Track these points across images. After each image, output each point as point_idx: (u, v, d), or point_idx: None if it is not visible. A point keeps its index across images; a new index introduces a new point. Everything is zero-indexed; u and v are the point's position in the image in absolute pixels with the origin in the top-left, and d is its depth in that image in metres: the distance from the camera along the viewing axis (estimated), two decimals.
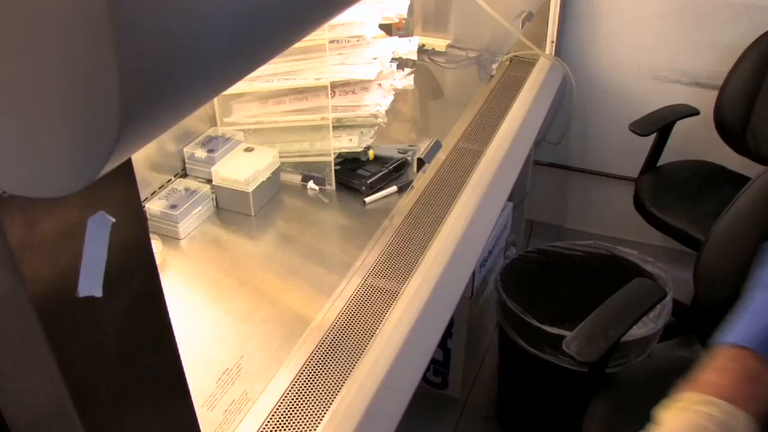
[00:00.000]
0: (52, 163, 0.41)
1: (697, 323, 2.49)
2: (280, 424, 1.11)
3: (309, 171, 1.74)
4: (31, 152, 0.41)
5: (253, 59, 0.52)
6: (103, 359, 0.60)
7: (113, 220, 0.55)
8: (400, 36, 2.17)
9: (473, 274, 1.99)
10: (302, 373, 1.20)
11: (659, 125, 2.35)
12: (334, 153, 1.71)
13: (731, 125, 2.33)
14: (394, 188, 1.70)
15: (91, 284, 0.55)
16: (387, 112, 1.78)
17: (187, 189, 1.61)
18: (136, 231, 0.59)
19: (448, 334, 2.19)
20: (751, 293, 1.01)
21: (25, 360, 0.57)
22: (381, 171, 1.71)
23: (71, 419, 0.59)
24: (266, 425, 1.11)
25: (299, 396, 1.16)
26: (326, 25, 1.62)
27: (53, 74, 0.37)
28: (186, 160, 1.71)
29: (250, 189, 1.60)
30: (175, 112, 0.44)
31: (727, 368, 0.93)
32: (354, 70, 1.73)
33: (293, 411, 1.13)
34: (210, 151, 1.68)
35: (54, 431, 0.64)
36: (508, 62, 2.37)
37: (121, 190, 0.56)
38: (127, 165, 0.56)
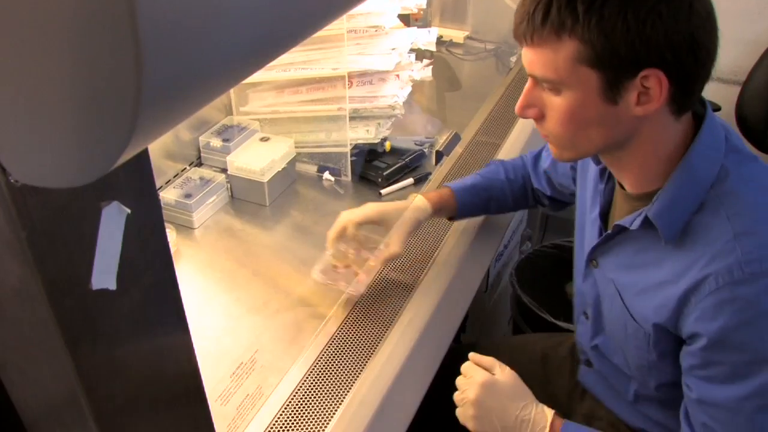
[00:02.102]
0: (66, 153, 0.40)
1: None
2: (292, 417, 1.10)
3: (325, 162, 1.73)
4: (45, 142, 0.40)
5: (272, 49, 0.50)
6: (117, 353, 0.59)
7: (128, 210, 0.54)
8: (418, 27, 2.14)
9: (488, 268, 1.97)
10: (315, 366, 1.19)
11: None
12: (351, 144, 1.69)
13: (753, 122, 2.29)
14: (410, 180, 1.69)
15: (104, 276, 0.54)
16: (404, 103, 1.76)
17: (202, 178, 1.60)
18: (151, 222, 0.58)
19: (462, 328, 2.18)
20: None
21: (37, 353, 0.56)
22: (397, 163, 1.70)
23: (83, 412, 0.58)
24: (278, 418, 1.10)
25: (312, 390, 1.15)
26: (344, 15, 1.60)
27: (69, 65, 0.36)
28: (201, 149, 1.70)
29: (266, 179, 1.58)
30: (192, 103, 0.43)
31: None
32: (372, 61, 1.71)
33: (306, 405, 1.12)
34: (225, 140, 1.67)
35: (65, 424, 0.64)
36: None
37: (136, 180, 0.55)
38: (143, 155, 0.54)
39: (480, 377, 1.15)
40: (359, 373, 1.18)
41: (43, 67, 0.37)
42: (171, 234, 1.47)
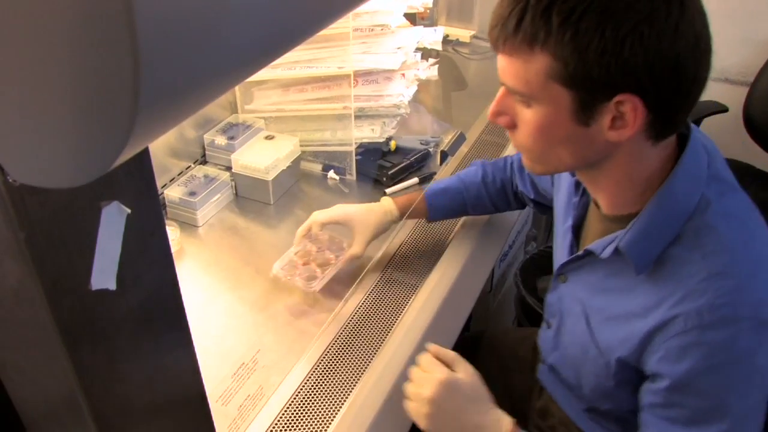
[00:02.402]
0: (64, 154, 0.39)
1: None
2: (294, 418, 1.10)
3: (330, 160, 1.72)
4: (43, 142, 0.39)
5: (273, 49, 0.50)
6: (116, 353, 0.58)
7: (128, 210, 0.53)
8: (424, 26, 2.14)
9: (493, 268, 1.97)
10: (317, 367, 1.19)
11: None
12: (356, 143, 1.69)
13: (761, 123, 2.28)
14: (415, 180, 1.68)
15: (104, 277, 0.53)
16: (410, 102, 1.75)
17: (206, 176, 1.60)
18: (151, 222, 0.58)
19: (466, 328, 2.17)
20: None
21: (36, 353, 0.56)
22: (402, 162, 1.69)
23: (82, 413, 0.58)
24: (280, 419, 1.10)
25: (314, 390, 1.15)
26: (350, 14, 1.60)
27: (66, 65, 0.36)
28: (206, 146, 1.70)
29: (270, 177, 1.58)
30: (191, 104, 0.43)
31: None
32: (377, 60, 1.71)
33: (307, 405, 1.12)
34: (230, 138, 1.66)
35: (64, 424, 0.63)
36: None
37: (136, 179, 0.54)
38: (144, 154, 0.54)
39: (440, 374, 1.08)
40: (361, 374, 1.18)
41: (41, 68, 0.37)
42: (175, 232, 1.47)
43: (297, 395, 1.14)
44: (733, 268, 0.87)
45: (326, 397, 1.14)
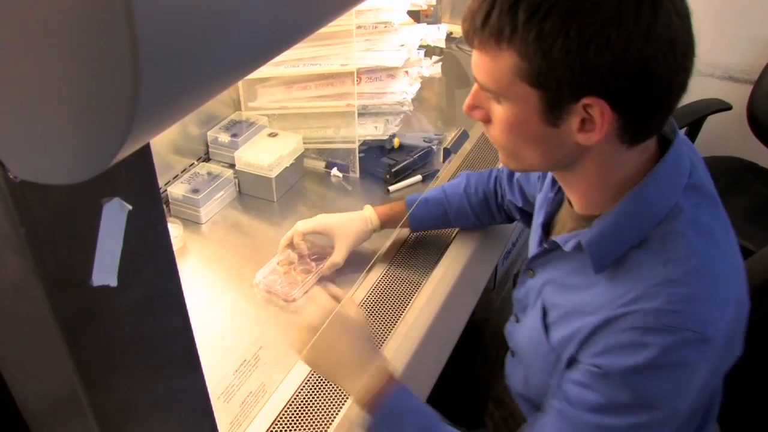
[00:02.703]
0: (65, 149, 0.39)
1: None
2: (296, 415, 1.10)
3: (333, 158, 1.72)
4: (44, 138, 0.39)
5: (275, 45, 0.50)
6: (117, 350, 0.58)
7: (129, 207, 0.54)
8: (428, 23, 2.13)
9: (496, 266, 1.97)
10: None
11: (690, 119, 2.30)
12: (359, 140, 1.69)
13: (765, 121, 2.27)
14: (418, 177, 1.68)
15: (105, 273, 0.53)
16: (413, 100, 1.75)
17: (209, 173, 1.60)
18: (153, 218, 0.58)
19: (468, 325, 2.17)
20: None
21: (37, 349, 0.56)
22: (406, 159, 1.69)
23: (83, 408, 0.58)
24: (282, 416, 1.10)
25: (316, 387, 1.15)
26: (353, 11, 1.60)
27: (66, 61, 0.36)
28: (209, 144, 1.70)
29: (273, 175, 1.58)
30: (191, 100, 0.43)
31: None
32: (381, 57, 1.71)
33: (309, 402, 1.12)
34: (234, 135, 1.66)
35: (65, 419, 0.63)
36: None
37: (138, 176, 0.54)
38: (145, 150, 0.54)
39: (326, 303, 1.07)
40: None
41: (41, 64, 0.37)
42: (178, 229, 1.47)
43: (299, 392, 1.14)
44: (691, 279, 0.85)
45: (329, 393, 1.14)
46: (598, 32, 0.75)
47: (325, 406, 1.12)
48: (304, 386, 1.15)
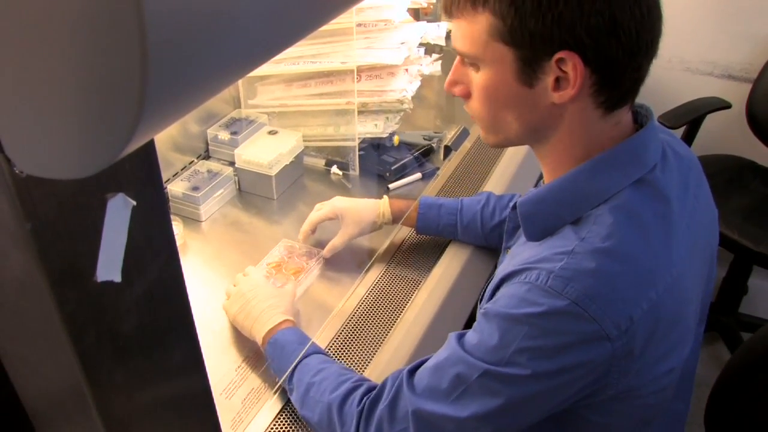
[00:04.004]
0: (71, 144, 0.39)
1: (720, 320, 2.46)
2: (297, 412, 1.10)
3: (333, 156, 1.72)
4: (50, 133, 0.39)
5: (281, 38, 0.50)
6: (121, 346, 0.58)
7: (134, 202, 0.54)
8: (428, 21, 2.13)
9: (496, 264, 1.97)
10: None
11: (689, 118, 2.31)
12: (359, 138, 1.69)
13: (764, 119, 2.28)
14: (418, 175, 1.68)
15: (110, 269, 0.53)
16: (413, 97, 1.75)
17: (209, 171, 1.60)
18: (157, 214, 0.58)
19: (468, 325, 2.17)
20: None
21: (41, 345, 0.56)
22: (406, 157, 1.69)
23: (87, 404, 0.58)
24: (283, 413, 1.10)
25: None
26: (353, 9, 1.59)
27: (74, 55, 0.36)
28: (209, 141, 1.70)
29: (273, 172, 1.58)
30: (198, 94, 0.43)
31: None
32: (381, 55, 1.71)
33: None
34: (233, 133, 1.66)
35: (69, 415, 0.63)
36: None
37: (142, 171, 0.54)
38: (150, 146, 0.54)
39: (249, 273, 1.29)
40: (364, 369, 1.18)
41: (48, 58, 0.37)
42: (178, 227, 1.47)
43: None
44: (597, 256, 0.84)
45: None
46: None
47: None
48: None
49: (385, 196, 1.45)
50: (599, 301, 0.82)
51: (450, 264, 1.42)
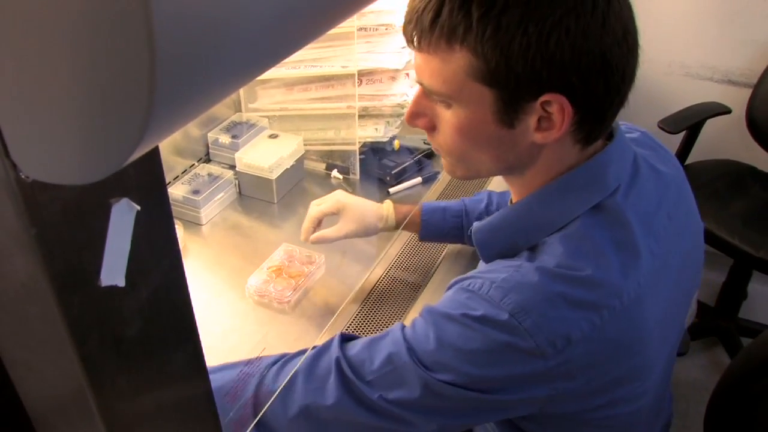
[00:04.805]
0: (77, 150, 0.40)
1: (720, 325, 2.46)
2: None
3: (333, 159, 1.73)
4: (56, 138, 0.39)
5: (289, 43, 0.50)
6: (124, 350, 0.58)
7: (138, 207, 0.54)
8: None
9: None
10: None
11: (689, 123, 2.31)
12: (360, 142, 1.69)
13: (764, 125, 2.28)
14: (419, 179, 1.68)
15: (114, 273, 0.53)
16: None
17: (210, 174, 1.60)
18: (160, 219, 0.58)
19: None
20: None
21: (44, 349, 0.56)
22: (406, 161, 1.69)
23: (89, 409, 0.58)
24: None
25: None
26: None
27: (81, 60, 0.36)
28: (210, 145, 1.70)
29: (274, 176, 1.58)
30: (206, 100, 0.43)
31: None
32: (382, 59, 1.71)
33: None
34: (234, 136, 1.66)
35: (72, 420, 0.63)
36: None
37: (146, 176, 0.55)
38: (154, 151, 0.54)
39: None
40: None
41: (54, 63, 0.37)
42: (179, 230, 1.47)
43: None
44: (539, 274, 0.82)
45: None
46: (557, 24, 0.73)
47: None
48: None
49: (388, 200, 1.41)
50: (535, 315, 0.80)
51: (451, 267, 1.43)
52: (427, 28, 0.78)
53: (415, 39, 0.81)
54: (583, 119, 0.81)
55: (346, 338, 0.96)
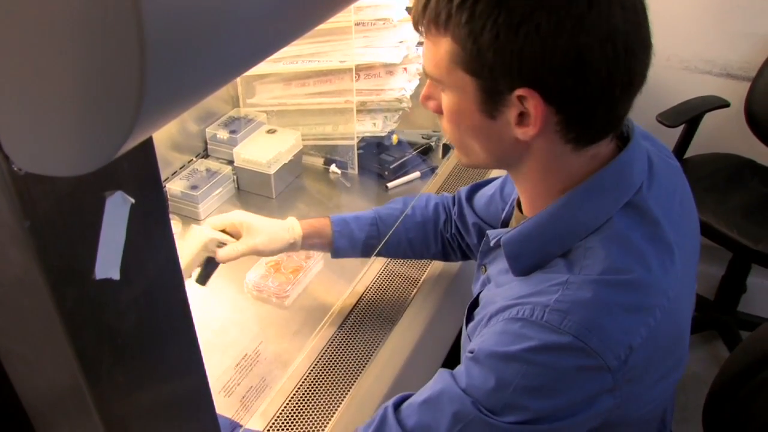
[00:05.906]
0: (69, 142, 0.39)
1: (719, 319, 2.46)
2: (296, 410, 1.10)
3: (331, 154, 1.72)
4: (48, 130, 0.39)
5: (279, 36, 0.50)
6: (120, 344, 0.58)
7: (132, 200, 0.54)
8: None
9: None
10: (320, 359, 1.19)
11: (688, 117, 2.30)
12: (358, 137, 1.69)
13: (763, 118, 2.28)
14: (417, 174, 1.68)
15: (108, 266, 0.53)
16: (412, 96, 1.75)
17: (208, 170, 1.60)
18: (155, 212, 0.58)
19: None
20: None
21: (40, 343, 0.56)
22: (404, 156, 1.69)
23: (86, 402, 0.58)
24: (282, 411, 1.10)
25: (316, 382, 1.15)
26: (352, 7, 1.59)
27: (72, 52, 0.36)
28: (208, 140, 1.70)
29: (272, 171, 1.58)
30: (197, 92, 0.43)
31: None
32: (379, 54, 1.71)
33: (310, 397, 1.12)
34: (232, 132, 1.66)
35: (69, 414, 0.63)
36: None
37: (141, 169, 0.54)
38: (148, 144, 0.54)
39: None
40: (364, 365, 1.18)
41: (45, 55, 0.37)
42: (177, 225, 1.47)
43: (300, 387, 1.14)
44: (594, 286, 0.80)
45: (329, 388, 1.14)
46: (527, 18, 0.72)
47: (325, 400, 1.12)
48: (304, 381, 1.15)
49: (290, 217, 1.27)
50: (598, 331, 0.78)
51: (445, 267, 1.43)
52: (420, 14, 0.81)
53: (415, 24, 0.83)
54: (569, 120, 0.79)
55: (396, 406, 0.93)
